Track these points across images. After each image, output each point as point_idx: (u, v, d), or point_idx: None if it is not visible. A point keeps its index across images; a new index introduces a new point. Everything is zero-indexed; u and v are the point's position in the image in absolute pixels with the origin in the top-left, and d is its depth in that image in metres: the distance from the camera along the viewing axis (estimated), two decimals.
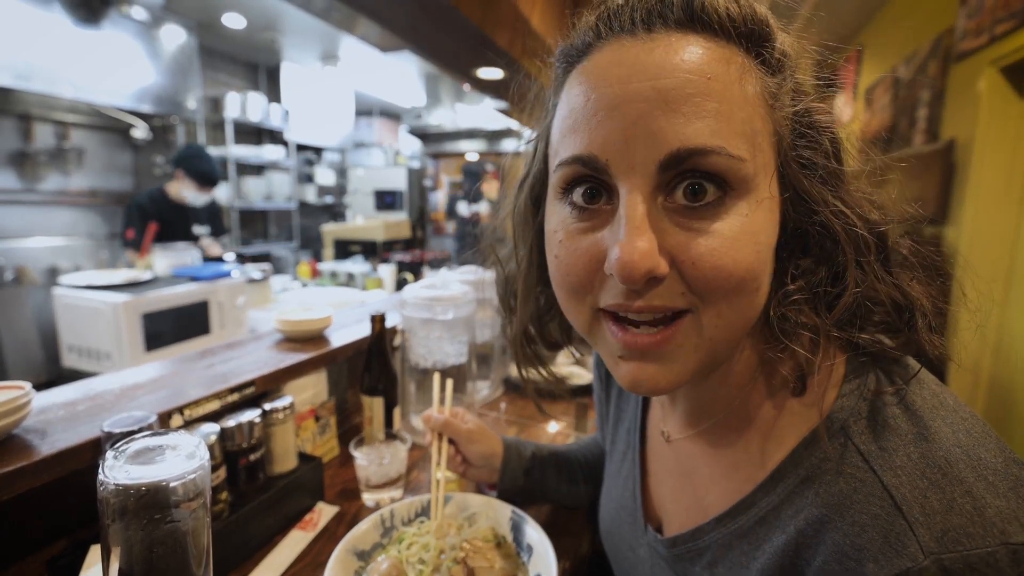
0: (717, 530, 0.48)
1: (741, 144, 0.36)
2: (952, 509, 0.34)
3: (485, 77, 2.38)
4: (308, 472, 0.94)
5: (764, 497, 0.44)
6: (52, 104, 3.50)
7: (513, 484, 0.85)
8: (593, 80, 0.39)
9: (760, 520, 0.44)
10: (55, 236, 3.66)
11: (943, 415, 0.39)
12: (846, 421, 0.40)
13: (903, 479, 0.36)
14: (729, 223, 0.37)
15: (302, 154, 6.07)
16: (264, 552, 0.83)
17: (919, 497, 0.35)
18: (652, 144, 0.36)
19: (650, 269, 0.36)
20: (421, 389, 1.23)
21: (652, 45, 0.37)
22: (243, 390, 0.91)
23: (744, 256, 0.37)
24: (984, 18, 2.10)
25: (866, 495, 0.36)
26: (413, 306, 1.17)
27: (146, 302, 2.33)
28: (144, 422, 0.67)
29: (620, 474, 0.69)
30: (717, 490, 0.50)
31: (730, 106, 0.36)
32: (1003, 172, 2.13)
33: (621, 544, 0.66)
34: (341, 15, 1.86)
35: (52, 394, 0.84)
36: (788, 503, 0.42)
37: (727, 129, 0.36)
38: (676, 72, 0.36)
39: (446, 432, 0.84)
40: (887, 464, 0.37)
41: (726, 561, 0.47)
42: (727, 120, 0.36)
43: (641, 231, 0.36)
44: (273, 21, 4.28)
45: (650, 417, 0.66)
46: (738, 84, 0.37)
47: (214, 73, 4.94)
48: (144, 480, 0.44)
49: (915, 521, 0.34)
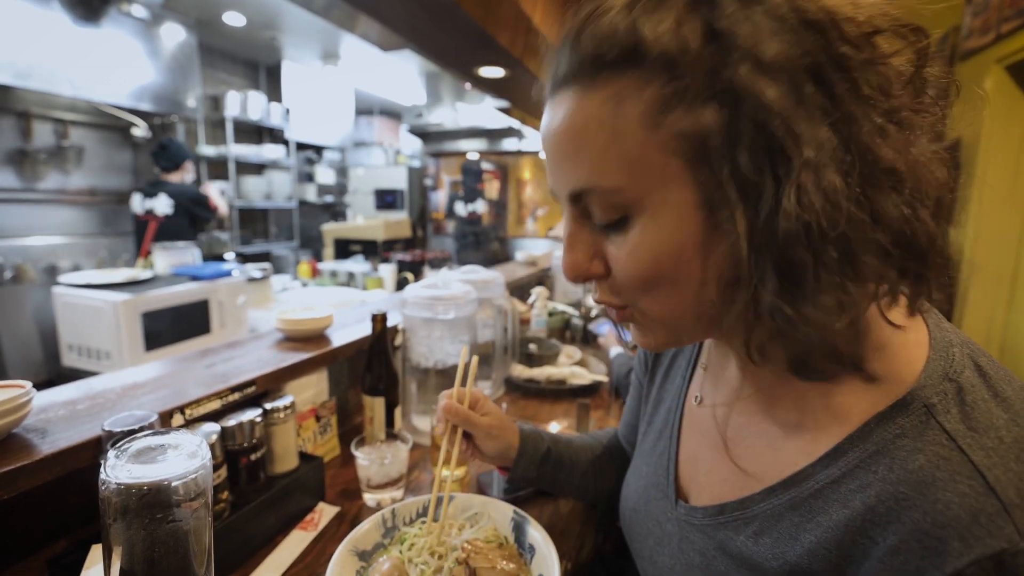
0: (768, 500, 0.47)
1: (618, 175, 0.41)
2: None
3: (486, 76, 2.38)
4: (309, 472, 0.93)
5: (823, 470, 0.43)
6: (51, 102, 3.49)
7: (525, 474, 0.85)
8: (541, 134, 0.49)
9: (816, 493, 0.43)
10: (54, 235, 3.65)
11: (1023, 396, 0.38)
12: (929, 399, 0.39)
13: (996, 460, 0.35)
14: (630, 236, 0.43)
15: (302, 153, 6.07)
16: (265, 552, 0.82)
17: (1015, 480, 0.34)
18: (560, 186, 0.46)
19: (577, 276, 0.47)
20: (422, 389, 1.23)
21: (551, 109, 0.45)
22: (244, 389, 0.91)
23: (642, 263, 0.43)
24: (990, 16, 2.09)
25: (951, 472, 0.36)
26: (414, 305, 1.16)
27: (146, 301, 2.33)
28: (145, 421, 0.66)
29: (654, 452, 0.68)
30: (764, 460, 0.49)
31: (604, 144, 0.41)
32: (1009, 171, 2.11)
33: (648, 520, 0.65)
34: (341, 13, 1.86)
35: (52, 393, 0.84)
36: (851, 477, 0.41)
37: (602, 167, 0.41)
38: (558, 133, 0.44)
39: (466, 427, 0.79)
40: (976, 444, 0.36)
41: (774, 532, 0.46)
42: (602, 158, 0.41)
43: (570, 246, 0.47)
44: (273, 19, 4.28)
45: (691, 389, 0.66)
46: (612, 116, 0.40)
47: (214, 72, 4.93)
48: (146, 479, 0.44)
49: (1011, 503, 0.33)
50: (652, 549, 0.64)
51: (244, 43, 4.87)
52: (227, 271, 2.77)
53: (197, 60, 4.16)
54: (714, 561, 0.52)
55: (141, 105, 3.75)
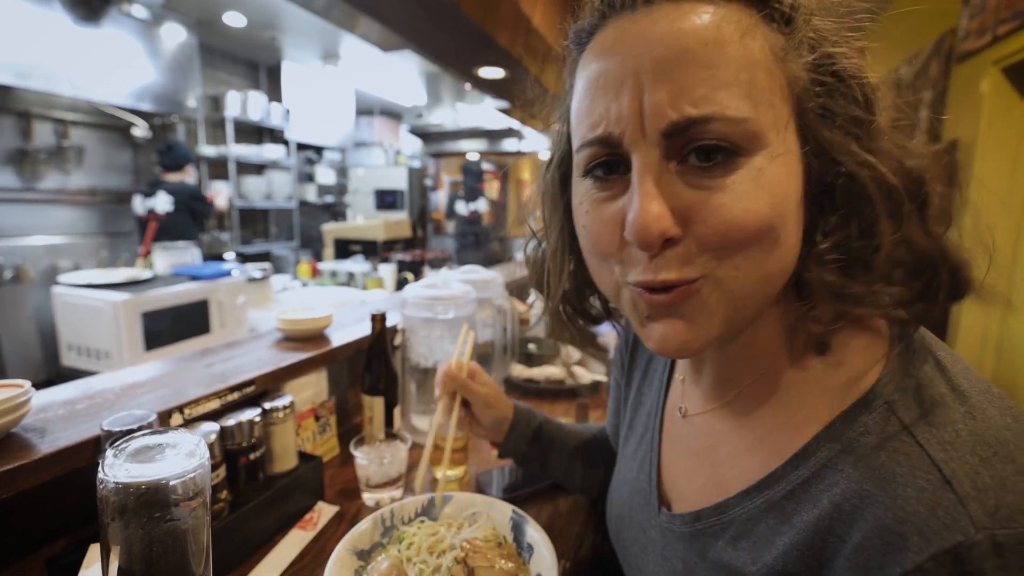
0: (743, 504, 0.47)
1: (743, 104, 0.37)
2: (1005, 487, 0.33)
3: (486, 76, 2.38)
4: (308, 471, 0.93)
5: (794, 471, 0.43)
6: (52, 102, 3.50)
7: (516, 448, 0.85)
8: (602, 59, 0.41)
9: (788, 494, 0.43)
10: (54, 235, 3.65)
11: (990, 399, 0.38)
12: (891, 396, 0.39)
13: (952, 454, 0.35)
14: (740, 177, 0.37)
15: (302, 153, 6.07)
16: (264, 551, 0.82)
17: (970, 472, 0.34)
18: (655, 116, 0.38)
19: (662, 231, 0.38)
20: (422, 389, 1.23)
21: (652, 18, 0.39)
22: (243, 389, 0.91)
23: (756, 207, 0.37)
24: (987, 18, 2.09)
25: (911, 468, 0.36)
26: (414, 305, 1.17)
27: (146, 301, 2.33)
28: (144, 421, 0.66)
29: (635, 458, 0.68)
30: (740, 464, 0.49)
31: (730, 69, 0.37)
32: (1006, 172, 2.11)
33: (632, 528, 0.66)
34: (342, 13, 1.86)
35: (51, 393, 0.84)
36: (820, 477, 0.41)
37: (726, 92, 0.37)
38: (674, 43, 0.37)
39: (464, 393, 0.81)
40: (934, 438, 0.36)
41: (751, 536, 0.46)
42: (727, 83, 0.37)
43: (652, 196, 0.38)
44: (273, 20, 4.28)
45: (670, 398, 0.66)
46: (739, 43, 0.38)
47: (214, 72, 4.94)
48: (144, 478, 0.44)
49: (966, 496, 0.33)
50: (637, 556, 0.64)
51: (244, 43, 4.87)
52: (227, 271, 2.77)
53: (197, 60, 4.16)
54: (696, 568, 0.52)
55: (141, 105, 3.75)
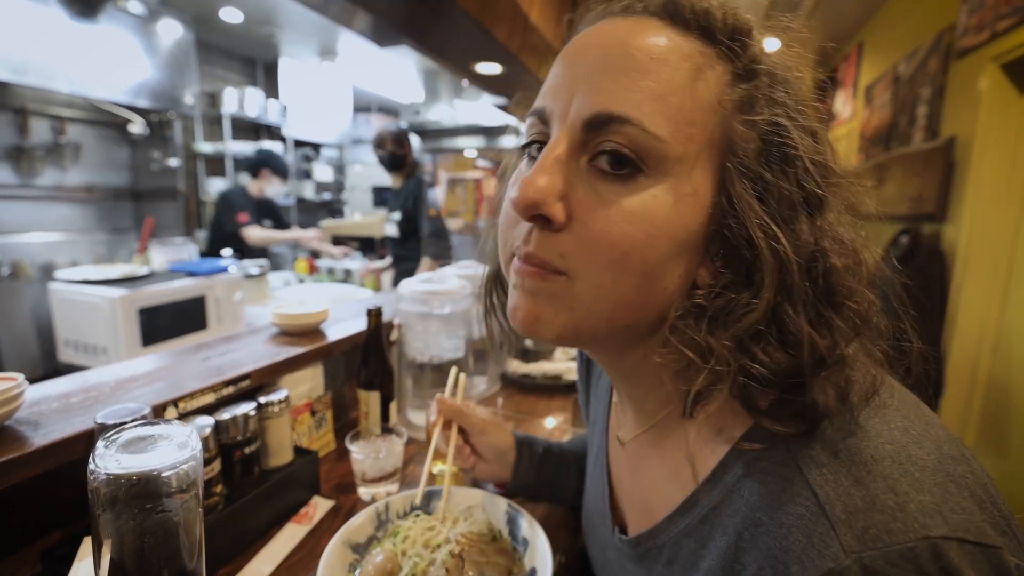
0: (669, 529, 0.48)
1: (663, 125, 0.38)
2: (874, 506, 0.33)
3: (483, 72, 2.37)
4: (304, 466, 0.93)
5: (706, 496, 0.43)
6: (48, 99, 3.48)
7: (525, 482, 0.85)
8: (569, 47, 0.44)
9: (703, 519, 0.43)
10: (52, 231, 3.64)
11: (883, 413, 0.38)
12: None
13: (828, 477, 0.35)
14: (633, 199, 0.38)
15: (300, 150, 6.05)
16: (259, 545, 0.82)
17: (842, 495, 0.34)
18: (583, 102, 0.39)
19: (536, 202, 0.39)
20: (418, 384, 1.23)
21: (620, 23, 0.41)
22: (239, 383, 0.91)
23: (633, 232, 0.38)
24: (985, 14, 2.09)
25: (792, 495, 0.36)
26: (410, 300, 1.16)
27: (143, 297, 2.32)
28: (138, 414, 0.66)
29: (594, 475, 0.69)
30: (664, 491, 0.50)
31: (666, 89, 0.38)
32: (1004, 170, 2.11)
33: (595, 546, 0.67)
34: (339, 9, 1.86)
35: (46, 386, 0.84)
36: (727, 502, 0.41)
37: (653, 108, 0.37)
38: (625, 46, 0.39)
39: (458, 420, 0.81)
40: (813, 461, 0.36)
41: (679, 560, 0.47)
42: (658, 100, 0.38)
43: (546, 171, 0.39)
44: (271, 16, 4.26)
45: (611, 421, 0.67)
46: (687, 75, 0.38)
47: (211, 68, 4.91)
48: (135, 469, 0.44)
49: (837, 520, 0.33)
50: (602, 570, 0.66)
51: (241, 39, 4.85)
52: (224, 267, 2.77)
53: (194, 56, 4.15)
54: None
55: (138, 102, 3.73)
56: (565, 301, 0.41)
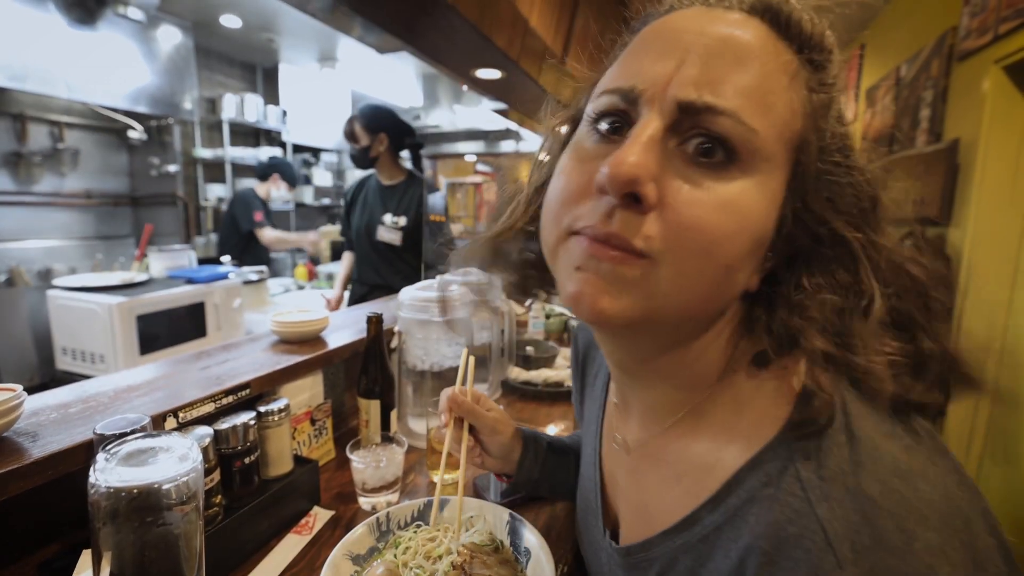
0: (664, 543, 0.47)
1: (759, 120, 0.38)
2: (882, 544, 0.32)
3: (483, 77, 2.37)
4: (304, 475, 0.93)
5: (708, 515, 0.43)
6: (47, 105, 3.48)
7: (528, 477, 0.84)
8: (660, 28, 0.43)
9: (703, 538, 0.43)
10: (49, 238, 3.63)
11: (888, 442, 0.37)
12: (793, 444, 0.38)
13: (837, 512, 0.34)
14: (725, 188, 0.38)
15: (299, 155, 6.06)
16: (259, 556, 0.82)
17: (851, 532, 0.33)
18: (682, 87, 0.38)
19: (636, 177, 0.36)
20: (418, 391, 1.22)
21: (721, 14, 0.41)
22: (238, 392, 0.90)
23: (727, 222, 0.38)
24: (988, 16, 2.08)
25: (801, 528, 0.35)
26: (410, 308, 1.16)
27: (141, 304, 2.31)
28: (137, 424, 0.66)
29: (586, 475, 0.68)
30: (663, 501, 0.49)
31: (763, 88, 0.38)
32: (1008, 172, 2.10)
33: (589, 548, 0.66)
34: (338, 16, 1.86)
35: (44, 396, 0.83)
36: (729, 525, 0.40)
37: (751, 103, 0.38)
38: (730, 39, 0.39)
39: (471, 419, 0.78)
40: (823, 495, 0.35)
41: (672, 574, 0.46)
42: (756, 96, 0.38)
43: (641, 146, 0.38)
44: (270, 22, 4.27)
45: (606, 421, 0.66)
46: (783, 78, 0.40)
47: (211, 74, 4.92)
48: (136, 483, 0.43)
49: (845, 559, 0.33)
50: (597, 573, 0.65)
51: (241, 45, 4.86)
52: (223, 274, 2.76)
53: (194, 62, 4.15)
54: None
55: (137, 107, 3.73)
56: (644, 288, 0.39)
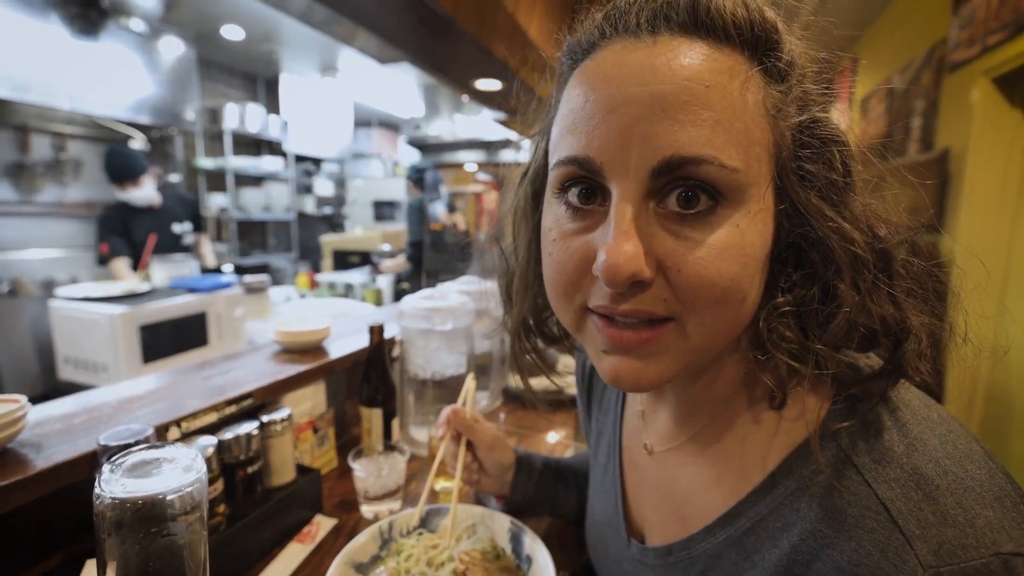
0: (707, 540, 0.47)
1: (736, 154, 0.36)
2: (946, 521, 0.34)
3: (483, 88, 2.39)
4: (306, 484, 0.93)
5: (752, 507, 0.43)
6: (49, 116, 3.50)
7: (523, 496, 0.84)
8: (594, 81, 0.39)
9: (748, 530, 0.43)
10: (52, 248, 3.65)
11: (930, 428, 0.39)
12: (838, 433, 0.39)
13: (897, 492, 0.36)
14: (718, 234, 0.37)
15: (301, 165, 6.09)
16: (262, 565, 0.82)
17: (914, 510, 0.35)
18: (646, 149, 0.36)
19: (634, 273, 0.36)
20: (420, 400, 1.22)
21: (654, 49, 0.37)
22: (241, 402, 0.91)
23: (730, 267, 0.37)
24: (976, 29, 2.12)
25: (861, 509, 0.36)
26: (412, 317, 1.17)
27: (143, 314, 2.32)
28: (141, 435, 0.66)
29: (603, 487, 0.68)
30: (701, 501, 0.50)
31: (727, 115, 0.36)
32: (997, 181, 2.14)
33: (607, 559, 0.66)
34: (340, 27, 1.88)
35: (48, 407, 0.84)
36: (777, 514, 0.41)
37: (723, 139, 0.36)
38: (675, 78, 0.36)
39: (469, 434, 0.80)
40: (881, 477, 0.37)
41: (717, 571, 0.46)
42: (723, 129, 0.36)
43: (628, 235, 0.36)
44: (272, 33, 4.30)
45: (625, 429, 0.66)
46: (738, 93, 0.37)
47: (213, 84, 4.96)
48: (141, 493, 0.44)
49: (912, 535, 0.34)
50: None
51: (243, 56, 4.90)
52: (225, 283, 2.77)
53: (196, 73, 4.18)
54: None
55: (140, 118, 3.76)
56: (676, 348, 0.39)
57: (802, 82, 0.41)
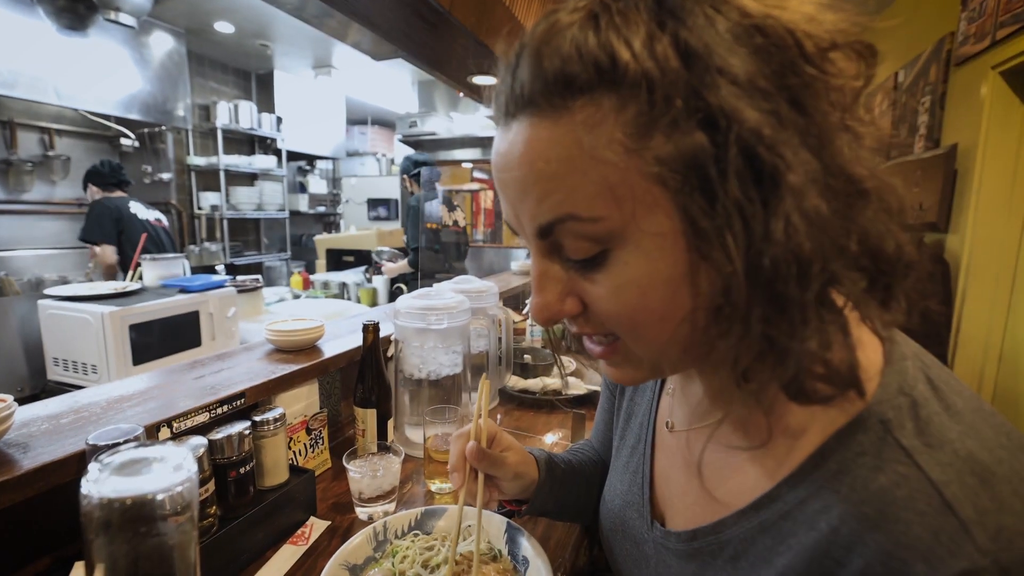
0: (739, 524, 0.46)
1: (596, 204, 0.38)
2: (1003, 508, 0.33)
3: (480, 84, 2.38)
4: (300, 485, 0.92)
5: (789, 491, 0.42)
6: (37, 111, 3.47)
7: (543, 507, 0.79)
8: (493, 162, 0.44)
9: (784, 515, 0.42)
10: (40, 247, 3.61)
11: (983, 417, 0.38)
12: (885, 415, 0.39)
13: (951, 476, 0.35)
14: (610, 273, 0.40)
15: (294, 163, 6.05)
16: (255, 568, 0.80)
17: (970, 495, 0.34)
18: (526, 221, 0.42)
19: (550, 318, 0.43)
20: (415, 400, 1.21)
21: (507, 136, 0.41)
22: (233, 402, 0.90)
23: (628, 300, 0.40)
24: (985, 22, 2.10)
25: (911, 491, 0.35)
26: (407, 316, 1.15)
27: (134, 313, 2.29)
28: (130, 435, 0.65)
29: (628, 469, 0.67)
30: (731, 483, 0.49)
31: (577, 178, 0.38)
32: (1006, 177, 2.11)
33: (626, 541, 0.65)
34: (333, 22, 1.86)
35: (35, 407, 0.82)
36: (816, 497, 0.40)
37: (575, 197, 0.38)
38: (521, 164, 0.40)
39: (492, 471, 0.69)
40: (933, 460, 0.36)
41: (748, 555, 0.45)
42: (574, 190, 0.38)
43: (540, 288, 0.43)
44: (264, 28, 4.27)
45: (660, 409, 0.65)
46: (581, 150, 0.36)
47: (204, 81, 4.92)
48: (129, 493, 0.42)
49: (969, 520, 0.33)
50: (631, 570, 0.63)
51: (235, 52, 4.86)
52: (218, 283, 2.74)
53: (187, 69, 4.15)
54: None
55: (129, 114, 3.73)
56: (633, 357, 0.45)
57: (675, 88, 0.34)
